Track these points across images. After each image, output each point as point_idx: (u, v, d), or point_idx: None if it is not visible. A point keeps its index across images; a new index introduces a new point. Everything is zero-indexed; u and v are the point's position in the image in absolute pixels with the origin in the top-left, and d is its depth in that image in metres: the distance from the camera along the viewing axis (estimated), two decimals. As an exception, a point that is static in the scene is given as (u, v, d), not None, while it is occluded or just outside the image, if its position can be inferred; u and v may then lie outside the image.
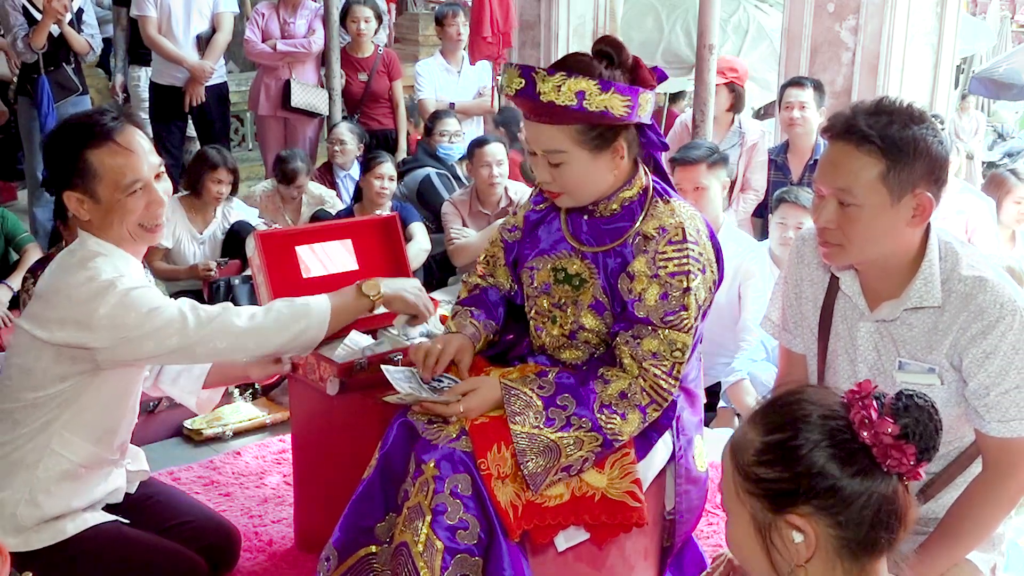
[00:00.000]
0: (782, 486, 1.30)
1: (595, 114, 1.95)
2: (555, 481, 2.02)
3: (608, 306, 2.12)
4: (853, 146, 1.78)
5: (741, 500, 1.35)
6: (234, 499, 3.05)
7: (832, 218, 1.82)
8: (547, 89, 1.94)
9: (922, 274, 1.85)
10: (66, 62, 5.43)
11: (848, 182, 1.78)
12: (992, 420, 1.84)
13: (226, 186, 4.71)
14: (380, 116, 6.23)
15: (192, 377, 2.46)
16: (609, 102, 1.94)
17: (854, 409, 1.30)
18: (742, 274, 3.87)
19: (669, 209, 2.09)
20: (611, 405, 2.02)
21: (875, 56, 5.15)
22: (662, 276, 2.02)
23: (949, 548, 1.90)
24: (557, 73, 1.94)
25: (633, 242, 2.08)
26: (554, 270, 2.18)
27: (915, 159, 1.76)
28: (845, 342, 1.98)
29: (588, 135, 2.00)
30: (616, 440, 2.03)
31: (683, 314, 2.02)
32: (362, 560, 2.10)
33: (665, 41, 8.01)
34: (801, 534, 1.29)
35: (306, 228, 3.24)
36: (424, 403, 2.09)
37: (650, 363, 2.03)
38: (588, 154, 2.02)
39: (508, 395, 2.04)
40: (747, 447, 1.34)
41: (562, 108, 1.94)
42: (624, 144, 2.05)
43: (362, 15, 6.01)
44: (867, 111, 1.80)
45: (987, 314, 1.80)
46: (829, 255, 1.89)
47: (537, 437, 2.00)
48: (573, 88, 1.93)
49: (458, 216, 4.86)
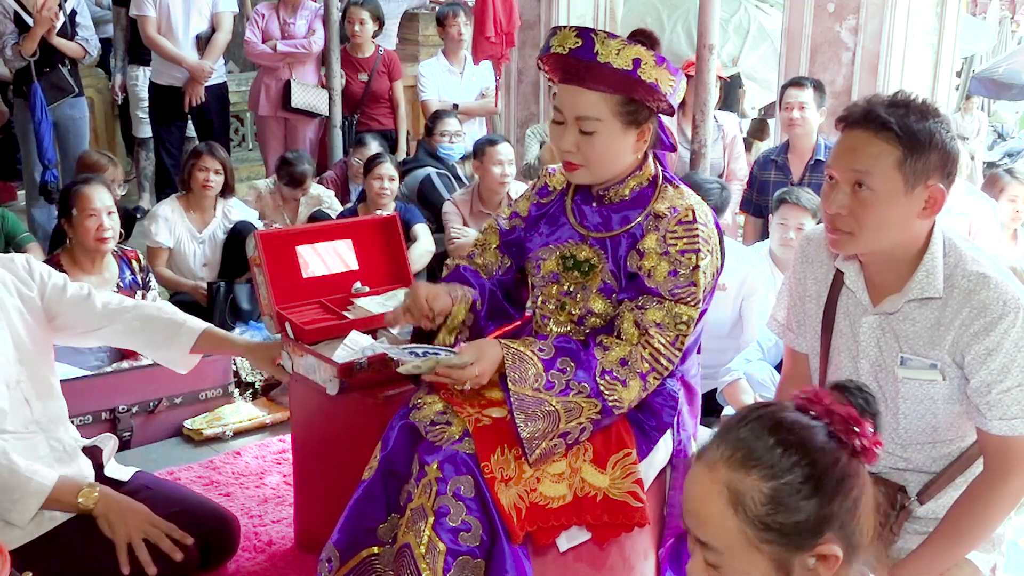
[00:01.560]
0: (810, 522, 1.25)
1: (645, 84, 2.01)
2: (551, 447, 2.01)
3: (616, 288, 2.14)
4: (872, 133, 1.79)
5: (757, 550, 1.26)
6: (234, 499, 3.05)
7: (845, 203, 1.83)
8: (607, 51, 2.00)
9: (924, 266, 1.86)
10: (61, 64, 5.41)
11: (866, 165, 1.79)
12: (993, 418, 1.84)
13: (214, 175, 4.64)
14: (380, 116, 6.23)
15: (179, 347, 2.49)
16: (660, 76, 2.01)
17: (829, 416, 1.28)
18: (746, 289, 3.87)
19: (679, 193, 2.15)
20: (612, 371, 2.03)
21: (875, 56, 5.15)
22: (672, 253, 2.06)
23: (950, 547, 1.90)
24: (617, 38, 2.01)
25: (644, 223, 2.12)
26: (563, 258, 2.20)
27: (930, 151, 1.77)
28: (847, 338, 1.98)
29: (626, 108, 2.06)
30: (616, 407, 2.02)
31: (692, 289, 2.05)
32: (364, 561, 2.10)
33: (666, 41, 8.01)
34: (815, 558, 1.25)
35: (306, 228, 3.24)
36: (439, 371, 2.03)
37: (654, 331, 2.04)
38: (620, 128, 2.07)
39: (509, 355, 2.03)
40: (752, 495, 1.25)
41: (615, 72, 1.99)
42: (650, 129, 2.11)
43: (358, 16, 6.00)
44: (884, 102, 1.82)
45: (990, 311, 1.81)
46: (838, 242, 1.88)
47: (535, 399, 1.99)
48: (632, 54, 2.00)
49: (459, 215, 4.86)
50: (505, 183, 4.74)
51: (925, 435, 1.94)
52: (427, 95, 6.13)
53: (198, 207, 4.73)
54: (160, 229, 4.63)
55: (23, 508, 2.12)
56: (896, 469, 1.98)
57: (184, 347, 2.50)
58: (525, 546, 2.02)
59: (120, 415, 3.33)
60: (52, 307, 2.37)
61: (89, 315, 2.43)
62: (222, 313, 4.51)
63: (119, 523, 2.16)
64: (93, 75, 6.94)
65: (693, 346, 2.19)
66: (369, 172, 4.87)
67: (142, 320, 2.48)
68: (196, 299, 4.58)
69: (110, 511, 2.17)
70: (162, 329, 2.50)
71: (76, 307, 2.40)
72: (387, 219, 2.87)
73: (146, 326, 2.49)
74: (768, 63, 7.67)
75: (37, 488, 2.13)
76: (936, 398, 1.90)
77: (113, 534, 2.15)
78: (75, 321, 2.42)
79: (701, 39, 3.93)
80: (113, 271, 3.78)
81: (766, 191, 4.77)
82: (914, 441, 1.95)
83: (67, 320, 2.40)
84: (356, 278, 2.76)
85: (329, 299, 2.68)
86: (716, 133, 5.17)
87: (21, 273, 2.34)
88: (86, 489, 2.18)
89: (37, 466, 2.17)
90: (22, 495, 2.12)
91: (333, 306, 2.65)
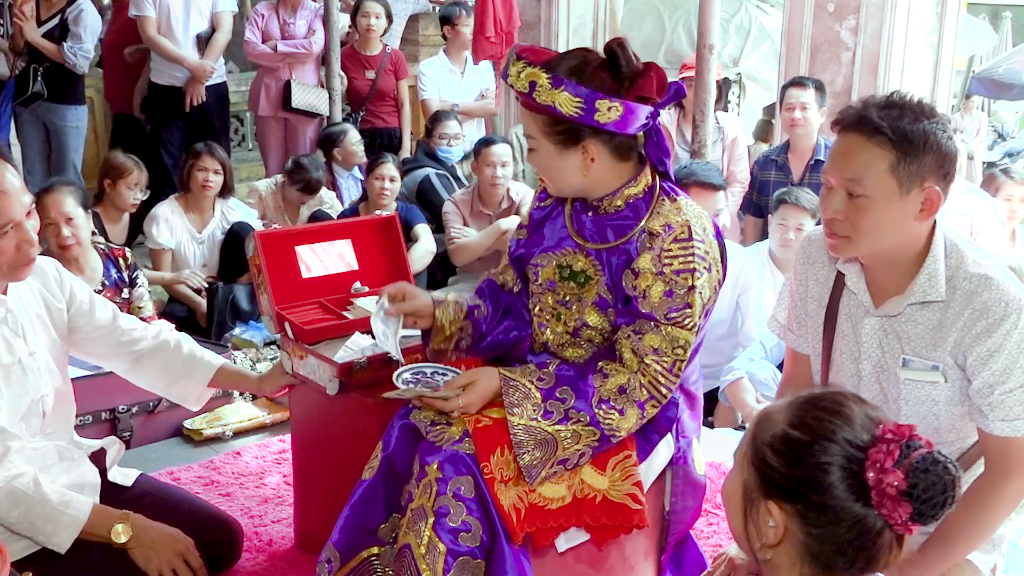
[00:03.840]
0: (778, 478, 1.34)
1: (541, 106, 1.98)
2: (551, 473, 2.01)
3: (612, 303, 2.11)
4: (864, 137, 1.78)
5: (743, 464, 1.40)
6: (234, 499, 3.05)
7: (841, 208, 1.83)
8: (512, 72, 2.00)
9: (926, 269, 1.86)
10: (38, 63, 5.43)
11: (858, 172, 1.79)
12: (995, 419, 1.83)
13: (213, 175, 4.65)
14: (385, 115, 6.23)
15: (195, 380, 2.48)
16: (557, 98, 1.95)
17: (877, 448, 1.30)
18: (741, 285, 3.87)
19: (676, 207, 2.08)
20: (609, 400, 2.02)
21: (875, 56, 5.15)
22: (667, 273, 2.02)
23: (951, 548, 1.90)
24: (523, 59, 1.98)
25: (638, 239, 2.07)
26: (559, 267, 2.18)
27: (925, 152, 1.77)
28: (849, 340, 1.98)
29: (553, 128, 2.02)
30: (614, 436, 2.02)
31: (687, 311, 2.02)
32: (365, 562, 2.09)
33: (667, 42, 8.01)
34: (775, 522, 1.34)
35: (306, 228, 3.24)
36: (424, 398, 2.09)
37: (651, 359, 2.02)
38: (553, 148, 2.05)
39: (507, 386, 2.03)
40: (771, 426, 1.37)
41: (519, 94, 2.00)
42: (596, 148, 2.03)
43: (373, 11, 5.99)
44: (878, 104, 1.81)
45: (992, 312, 1.80)
46: (836, 247, 1.89)
47: (534, 429, 1.99)
48: (527, 77, 1.97)
49: (459, 216, 4.86)
50: (498, 184, 4.74)
51: (926, 436, 1.93)
52: (428, 94, 6.13)
53: (197, 207, 4.73)
54: (161, 231, 4.63)
55: (58, 540, 2.11)
56: (897, 469, 1.97)
57: (202, 381, 2.49)
58: (525, 547, 2.02)
59: (120, 415, 3.33)
60: (76, 322, 2.35)
61: (109, 342, 2.42)
62: (222, 313, 4.52)
63: (153, 556, 2.16)
64: (93, 75, 6.92)
65: (692, 356, 2.18)
66: (371, 172, 4.87)
67: (162, 351, 2.47)
68: (187, 297, 4.59)
69: (142, 545, 2.17)
70: (181, 363, 2.49)
71: (99, 330, 2.39)
72: (387, 219, 2.87)
73: (165, 358, 2.47)
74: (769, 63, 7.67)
75: (71, 522, 2.12)
76: (938, 400, 1.90)
77: (147, 566, 2.16)
78: (94, 345, 2.41)
79: (701, 39, 3.93)
80: (96, 269, 3.77)
81: (766, 191, 4.78)
82: None
83: (86, 339, 2.39)
84: (356, 278, 2.76)
85: (329, 299, 2.67)
86: (716, 135, 5.16)
87: (51, 283, 2.30)
88: (118, 524, 2.16)
89: (71, 496, 2.15)
90: (55, 527, 2.10)
91: (333, 306, 2.65)
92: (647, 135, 2.09)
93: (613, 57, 1.99)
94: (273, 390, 2.63)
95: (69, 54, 5.48)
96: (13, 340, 2.13)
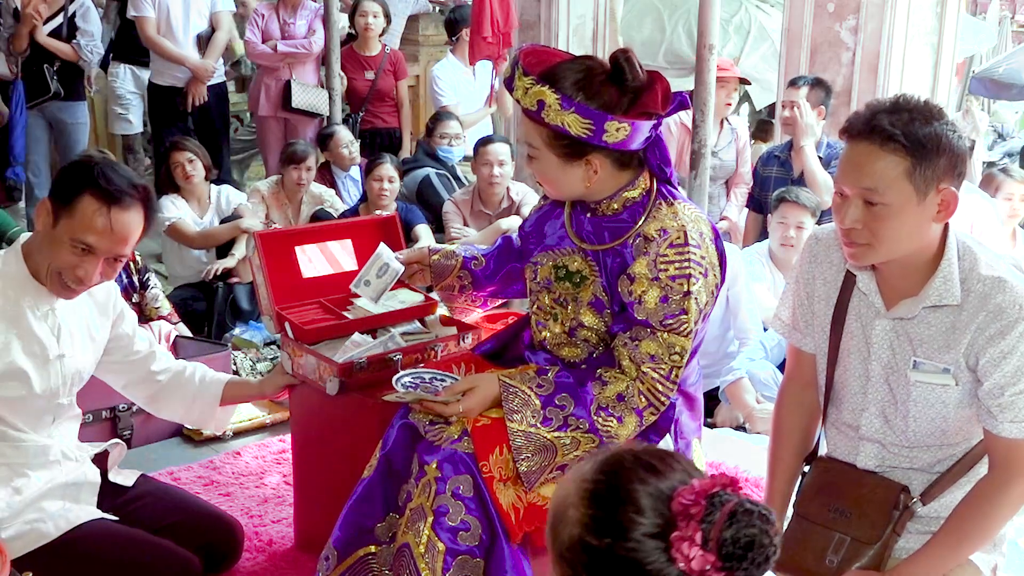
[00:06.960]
0: None
1: (551, 126, 1.95)
2: (550, 479, 2.02)
3: (607, 304, 2.11)
4: (877, 145, 1.76)
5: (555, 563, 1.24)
6: (234, 499, 3.05)
7: (859, 218, 1.80)
8: (519, 87, 1.97)
9: (941, 272, 1.85)
10: (49, 64, 5.43)
11: (874, 182, 1.77)
12: (1005, 420, 1.83)
13: (188, 164, 4.69)
14: (384, 115, 6.22)
15: (207, 401, 2.49)
16: (566, 119, 1.93)
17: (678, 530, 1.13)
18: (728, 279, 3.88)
19: (672, 211, 2.06)
20: (608, 407, 2.01)
21: (875, 56, 5.14)
22: (662, 279, 2.00)
23: (954, 549, 1.90)
24: (530, 75, 1.94)
25: (633, 243, 2.06)
26: (555, 267, 2.18)
27: (938, 155, 1.75)
28: (858, 341, 1.97)
29: (559, 142, 1.99)
30: (612, 443, 2.02)
31: (683, 318, 2.01)
32: (361, 560, 2.10)
33: (667, 42, 8.00)
34: None
35: (306, 228, 3.24)
36: (424, 402, 2.09)
37: (648, 366, 2.02)
38: (557, 160, 2.02)
39: (506, 392, 2.03)
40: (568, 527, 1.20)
41: (526, 110, 1.96)
42: (599, 161, 2.01)
43: (371, 10, 5.98)
44: (887, 109, 1.78)
45: (1006, 314, 1.80)
46: (856, 255, 1.86)
47: (533, 436, 1.99)
48: (536, 96, 1.94)
49: (459, 215, 4.86)
50: (495, 183, 4.75)
51: (933, 438, 1.93)
52: (446, 99, 6.08)
53: (191, 196, 4.83)
54: (169, 209, 4.68)
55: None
56: (900, 468, 1.97)
57: (213, 401, 2.50)
58: (524, 546, 2.01)
59: (120, 414, 3.33)
60: (114, 343, 2.36)
61: (138, 372, 2.44)
62: (222, 313, 4.52)
63: None
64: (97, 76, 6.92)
65: (690, 360, 2.17)
66: (369, 173, 4.87)
67: (176, 379, 2.48)
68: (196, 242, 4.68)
69: None
70: (193, 388, 2.50)
71: (133, 355, 2.41)
72: (387, 219, 2.86)
73: (179, 385, 2.48)
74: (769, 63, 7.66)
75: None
76: (948, 402, 1.89)
77: None
78: (120, 368, 2.42)
79: (701, 39, 3.92)
80: None
81: (768, 187, 4.77)
82: (922, 443, 1.94)
83: (117, 363, 2.40)
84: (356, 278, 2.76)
85: (329, 299, 2.67)
86: (730, 136, 5.28)
87: (100, 298, 2.31)
88: None
89: None
90: None
91: (333, 306, 2.65)
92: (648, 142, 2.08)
93: (619, 71, 1.96)
94: (274, 392, 2.63)
95: (85, 51, 5.53)
96: (47, 339, 2.16)
